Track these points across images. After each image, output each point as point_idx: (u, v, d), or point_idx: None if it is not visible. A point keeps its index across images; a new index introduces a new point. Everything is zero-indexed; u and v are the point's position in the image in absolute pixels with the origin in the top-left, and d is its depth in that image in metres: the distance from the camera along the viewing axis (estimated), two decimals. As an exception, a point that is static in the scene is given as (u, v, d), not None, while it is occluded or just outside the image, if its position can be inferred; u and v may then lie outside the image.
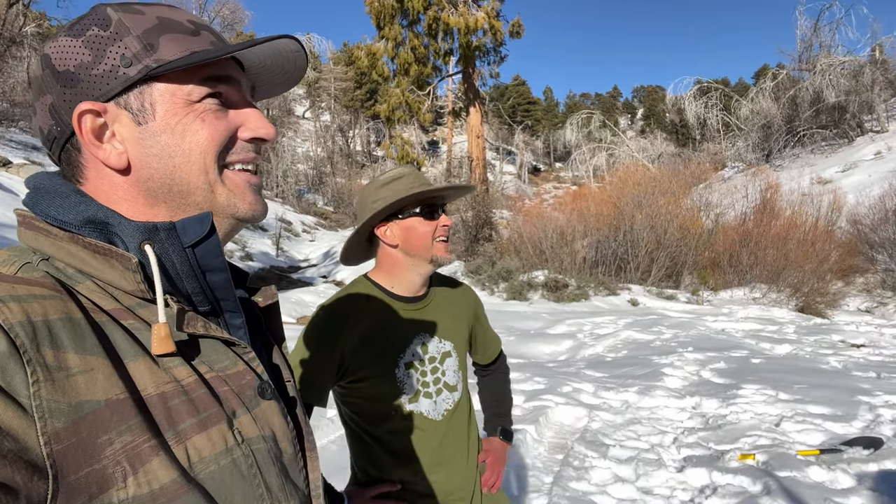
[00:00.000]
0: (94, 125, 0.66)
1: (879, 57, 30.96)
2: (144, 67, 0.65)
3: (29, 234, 0.64)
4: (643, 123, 72.03)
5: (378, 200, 1.52)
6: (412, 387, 1.52)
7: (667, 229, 14.90)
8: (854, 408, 4.90)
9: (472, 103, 19.74)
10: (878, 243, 15.50)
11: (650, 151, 42.39)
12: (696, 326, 9.52)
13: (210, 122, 0.68)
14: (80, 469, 0.51)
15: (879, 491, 3.31)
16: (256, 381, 0.70)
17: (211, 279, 0.68)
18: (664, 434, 4.53)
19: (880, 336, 9.52)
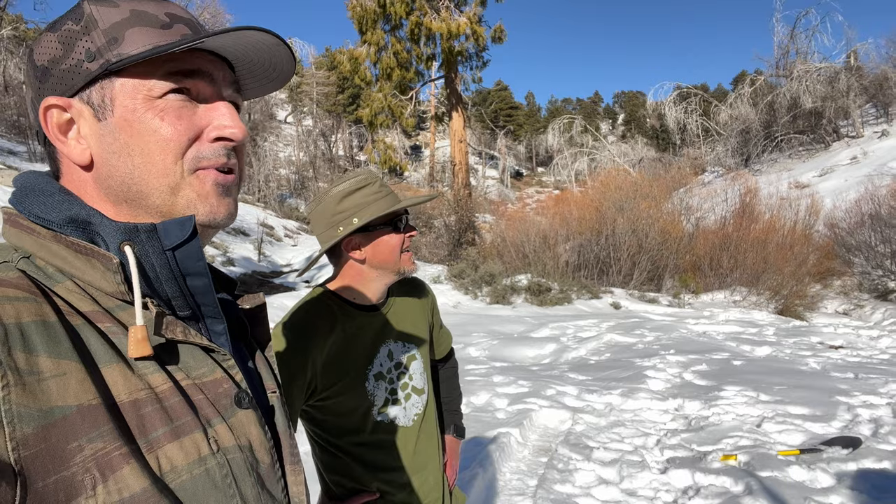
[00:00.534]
0: (61, 120, 0.66)
1: (854, 63, 31.57)
2: (105, 62, 0.64)
3: (13, 232, 0.64)
4: (624, 128, 72.70)
5: (344, 212, 1.45)
6: (381, 396, 1.50)
7: (648, 233, 15.03)
8: (833, 408, 4.97)
9: (454, 108, 19.79)
10: (855, 247, 15.76)
11: (631, 156, 42.78)
12: (678, 329, 9.61)
13: (170, 121, 0.65)
14: (49, 476, 0.50)
15: (859, 490, 3.36)
16: (234, 389, 0.68)
17: (191, 283, 0.67)
18: (647, 436, 4.56)
19: (857, 338, 9.68)
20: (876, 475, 3.57)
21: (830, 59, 32.34)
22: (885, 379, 5.96)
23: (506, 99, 72.32)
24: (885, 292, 13.96)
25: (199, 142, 0.67)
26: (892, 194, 16.32)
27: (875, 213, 15.68)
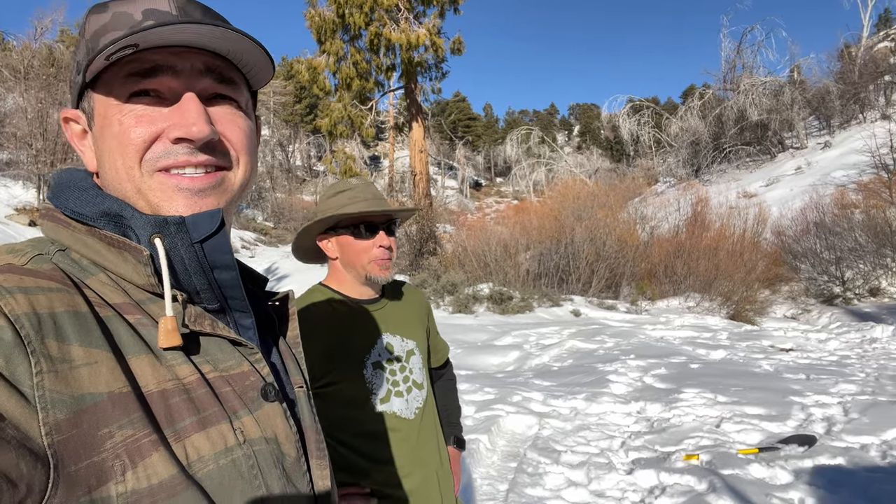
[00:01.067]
0: (76, 129, 0.70)
1: (798, 77, 32.98)
2: (82, 75, 0.65)
3: (50, 226, 0.65)
4: (579, 140, 74.08)
5: (321, 211, 1.55)
6: (383, 386, 1.52)
7: (605, 241, 15.32)
8: (787, 408, 5.16)
9: (414, 118, 19.84)
10: (801, 253, 16.39)
11: (587, 167, 43.63)
12: (637, 335, 9.81)
13: (127, 125, 0.64)
14: (80, 461, 0.51)
15: (816, 485, 3.50)
16: (261, 382, 0.69)
17: (219, 276, 0.67)
18: (612, 438, 4.65)
19: (806, 341, 10.07)
20: (831, 471, 3.72)
21: (775, 74, 33.76)
22: (834, 379, 6.22)
23: (464, 110, 72.88)
24: (830, 297, 14.55)
25: (159, 141, 0.65)
26: (835, 203, 17.08)
27: (820, 221, 16.36)
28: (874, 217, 15.20)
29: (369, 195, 1.55)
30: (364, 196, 1.54)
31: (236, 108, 0.71)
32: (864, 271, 14.70)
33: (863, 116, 28.26)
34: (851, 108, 29.28)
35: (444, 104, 66.85)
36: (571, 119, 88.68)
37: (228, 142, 0.69)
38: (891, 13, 49.17)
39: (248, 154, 0.71)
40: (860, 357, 8.10)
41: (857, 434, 4.40)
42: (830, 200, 17.54)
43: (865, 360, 7.72)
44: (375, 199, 1.55)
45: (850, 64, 31.81)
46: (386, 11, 18.02)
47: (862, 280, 14.51)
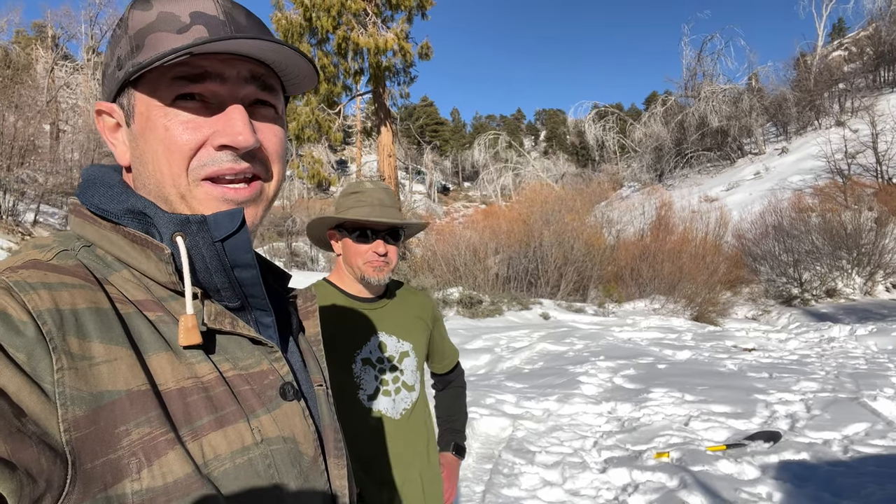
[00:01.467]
0: (109, 123, 0.69)
1: (756, 85, 33.98)
2: (125, 72, 0.65)
3: (77, 222, 0.66)
4: (546, 145, 74.84)
5: (337, 207, 1.62)
6: (370, 383, 1.54)
7: (573, 245, 15.51)
8: (752, 405, 5.31)
9: (383, 122, 19.80)
10: (761, 256, 16.87)
11: (554, 171, 44.13)
12: (605, 337, 9.96)
13: (174, 131, 0.64)
14: (97, 458, 0.52)
15: (782, 480, 3.61)
16: (279, 381, 0.69)
17: (240, 275, 0.67)
18: (585, 438, 4.72)
19: (767, 340, 10.35)
20: (797, 466, 3.84)
21: (734, 81, 34.76)
22: (796, 378, 6.41)
23: (432, 115, 73.02)
24: (789, 298, 15.00)
25: (204, 148, 0.65)
26: (792, 207, 17.62)
27: (778, 224, 16.87)
28: (830, 220, 15.73)
29: (375, 201, 1.58)
30: (370, 202, 1.57)
31: (274, 115, 0.72)
32: (821, 273, 15.20)
33: (818, 123, 29.23)
34: (807, 115, 30.27)
35: (412, 109, 66.87)
36: (538, 124, 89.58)
37: (266, 150, 0.70)
38: (844, 23, 51.02)
39: (280, 162, 0.73)
40: (819, 356, 8.38)
41: (819, 430, 4.55)
42: (788, 204, 18.10)
43: (825, 359, 7.98)
44: (381, 206, 1.58)
45: (806, 72, 32.91)
46: (354, 15, 17.97)
47: (819, 281, 14.99)
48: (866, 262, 14.87)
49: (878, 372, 6.62)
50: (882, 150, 19.24)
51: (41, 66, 28.63)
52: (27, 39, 35.21)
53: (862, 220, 15.41)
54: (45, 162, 17.47)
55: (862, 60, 33.51)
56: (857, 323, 10.83)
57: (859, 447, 4.13)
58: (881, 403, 5.09)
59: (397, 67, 19.12)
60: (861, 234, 14.98)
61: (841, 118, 27.74)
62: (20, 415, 0.48)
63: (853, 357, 8.02)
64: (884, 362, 7.38)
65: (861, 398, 5.29)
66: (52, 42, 31.34)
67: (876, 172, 19.40)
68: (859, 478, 3.58)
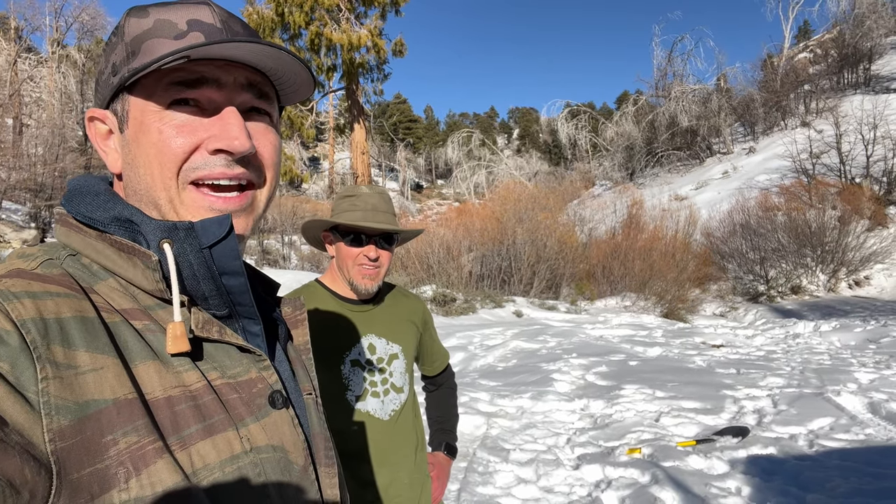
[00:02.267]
0: (101, 130, 0.69)
1: (724, 86, 34.60)
2: (121, 77, 0.65)
3: (63, 231, 0.66)
4: (519, 143, 75.20)
5: (334, 210, 1.63)
6: (359, 385, 1.55)
7: (546, 243, 15.62)
8: (721, 401, 5.41)
9: (356, 119, 19.70)
10: (728, 254, 17.20)
11: (527, 169, 44.40)
12: (577, 334, 10.06)
13: (167, 135, 0.64)
14: (83, 468, 0.51)
15: (751, 474, 3.68)
16: (268, 389, 0.69)
17: (227, 282, 0.66)
18: (558, 435, 4.75)
19: (735, 337, 10.56)
20: (764, 460, 3.93)
21: (704, 81, 35.35)
22: (763, 373, 6.56)
23: (405, 112, 72.81)
24: (755, 295, 15.33)
25: (198, 152, 0.65)
26: (759, 206, 17.98)
27: (745, 223, 17.21)
28: (795, 219, 16.10)
29: (369, 206, 1.59)
30: (364, 207, 1.59)
31: (268, 123, 0.71)
32: (787, 270, 15.56)
33: (784, 123, 29.86)
34: (774, 116, 30.91)
35: (385, 106, 66.62)
36: (511, 122, 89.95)
37: (261, 157, 0.70)
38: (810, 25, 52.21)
39: (275, 170, 0.72)
40: (785, 352, 8.58)
41: (785, 425, 4.66)
42: (755, 203, 18.47)
43: (790, 355, 8.18)
44: (374, 211, 1.59)
45: (773, 73, 33.59)
46: (327, 11, 17.84)
47: (784, 279, 15.34)
48: (830, 260, 15.26)
49: (842, 367, 6.81)
50: (845, 150, 19.75)
51: (3, 58, 27.79)
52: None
53: (826, 218, 15.81)
54: (8, 157, 17.00)
55: (826, 62, 34.33)
56: (820, 319, 11.12)
57: (824, 441, 4.24)
58: (845, 398, 5.22)
59: (371, 64, 19.05)
60: (825, 232, 15.36)
61: (806, 119, 28.39)
62: (2, 425, 0.47)
63: (817, 353, 8.23)
64: (847, 358, 7.59)
65: (825, 393, 5.44)
66: (14, 34, 30.41)
67: (839, 172, 19.90)
68: (825, 471, 3.68)
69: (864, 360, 7.34)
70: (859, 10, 32.31)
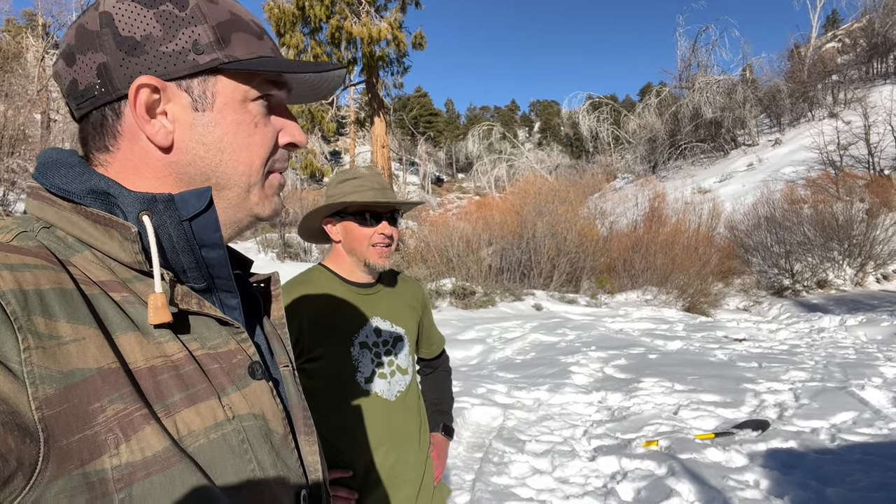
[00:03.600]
0: (149, 99, 0.65)
1: (750, 76, 33.98)
2: (214, 59, 0.67)
3: (35, 204, 0.65)
4: (540, 136, 74.80)
5: (331, 196, 1.62)
6: (367, 366, 1.58)
7: (566, 236, 15.54)
8: (741, 395, 5.34)
9: (376, 113, 19.74)
10: (753, 247, 16.93)
11: (547, 163, 44.15)
12: (597, 327, 10.00)
13: (261, 128, 0.70)
14: (72, 434, 0.51)
15: (769, 467, 3.63)
16: (247, 360, 0.70)
17: (207, 255, 0.67)
18: (575, 427, 4.74)
19: (758, 331, 10.40)
20: (784, 454, 3.87)
21: (728, 72, 34.75)
22: (785, 367, 6.46)
23: (426, 105, 72.78)
24: (780, 289, 15.07)
25: (276, 148, 0.72)
26: (785, 198, 17.68)
27: (770, 215, 16.92)
28: (822, 212, 15.79)
29: (377, 185, 1.62)
30: (371, 185, 1.61)
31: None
32: (812, 264, 15.27)
33: (811, 115, 29.30)
34: (801, 107, 30.33)
35: (406, 99, 66.63)
36: (532, 115, 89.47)
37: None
38: (838, 14, 51.04)
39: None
40: (809, 346, 8.43)
41: (807, 419, 4.58)
42: (780, 196, 18.16)
43: (814, 349, 8.04)
44: (382, 189, 1.62)
45: (800, 63, 32.94)
46: (347, 4, 17.86)
47: (810, 273, 15.07)
48: (857, 254, 14.95)
49: (867, 362, 6.68)
50: (874, 141, 19.32)
51: (31, 54, 28.32)
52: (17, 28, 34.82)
53: (853, 211, 15.49)
54: (36, 151, 17.32)
55: (855, 52, 33.58)
56: (847, 313, 10.90)
57: (846, 435, 4.17)
58: (869, 392, 5.13)
59: (391, 57, 19.04)
60: (852, 225, 15.05)
61: (834, 110, 27.82)
62: None
63: (842, 347, 8.08)
64: (872, 352, 7.44)
65: (849, 387, 5.34)
66: (42, 31, 30.99)
67: (868, 164, 19.49)
68: (845, 465, 3.62)
69: (890, 354, 7.19)
70: (890, -1, 31.50)
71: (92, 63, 0.65)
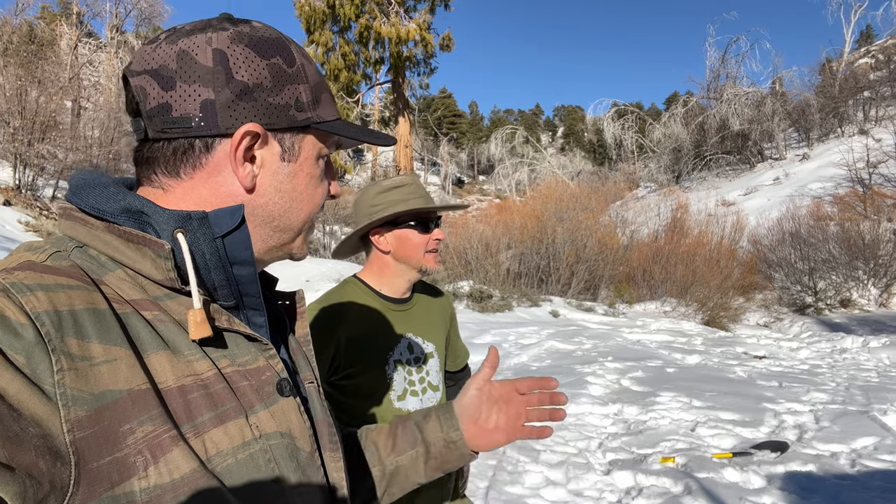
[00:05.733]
0: (248, 144, 0.69)
1: (779, 89, 33.48)
2: (308, 118, 0.72)
3: (66, 224, 0.66)
4: (563, 141, 74.43)
5: (376, 206, 1.60)
6: (400, 384, 1.58)
7: (586, 244, 15.45)
8: (760, 414, 5.27)
9: (401, 113, 19.81)
10: (776, 263, 16.68)
11: (569, 168, 43.89)
12: (614, 337, 9.93)
13: (323, 183, 0.77)
14: (102, 457, 0.53)
15: (788, 490, 3.59)
16: (276, 377, 0.71)
17: (237, 272, 0.68)
18: (590, 439, 4.71)
19: (779, 349, 10.26)
20: (803, 477, 3.82)
21: (758, 84, 34.26)
22: (806, 388, 6.36)
23: (450, 106, 72.83)
24: (802, 307, 14.84)
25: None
26: (811, 214, 17.40)
27: (795, 231, 16.65)
28: (848, 230, 15.52)
29: (423, 192, 1.64)
30: (420, 193, 1.63)
31: None
32: (836, 283, 15.01)
33: (841, 130, 28.78)
34: (830, 122, 29.81)
35: (430, 100, 66.66)
36: (556, 120, 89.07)
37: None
38: (872, 30, 50.16)
39: None
40: (831, 367, 8.30)
41: (827, 442, 4.52)
42: (806, 212, 17.87)
43: (836, 370, 7.91)
44: (428, 196, 1.65)
45: (831, 78, 32.39)
46: (377, 4, 17.95)
47: (834, 291, 14.81)
48: (883, 274, 14.67)
49: (890, 386, 6.56)
50: (905, 160, 18.95)
51: (65, 42, 28.83)
52: (52, 15, 35.47)
53: (881, 230, 15.20)
54: (66, 138, 17.61)
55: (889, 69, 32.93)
56: (870, 335, 10.71)
57: (867, 461, 4.10)
58: (891, 418, 5.04)
59: (418, 58, 19.12)
60: (879, 245, 14.77)
61: (864, 126, 27.32)
62: (18, 418, 0.49)
63: (865, 369, 7.94)
64: (895, 376, 7.30)
65: (871, 412, 5.25)
66: (76, 19, 31.53)
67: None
68: (865, 492, 3.56)
69: (914, 379, 7.05)
70: (927, 15, 30.88)
71: (196, 96, 0.66)
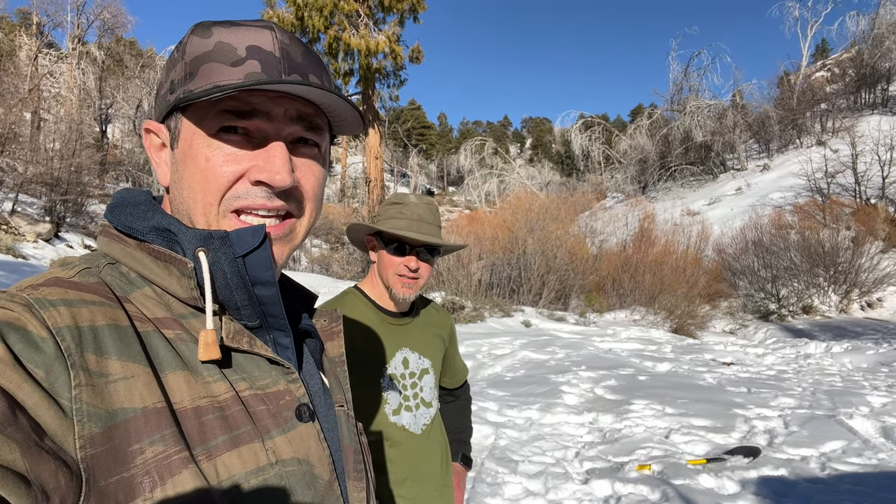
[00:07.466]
0: (156, 143, 0.70)
1: (740, 102, 34.46)
2: (176, 97, 0.66)
3: (104, 241, 0.67)
4: (531, 152, 75.21)
5: (379, 215, 1.63)
6: (395, 398, 1.57)
7: (556, 254, 15.60)
8: (731, 420, 5.37)
9: (371, 124, 19.78)
10: (740, 271, 17.09)
11: (538, 179, 44.36)
12: (586, 346, 10.01)
13: (214, 162, 0.64)
14: (111, 476, 0.52)
15: (762, 495, 3.65)
16: (295, 402, 0.69)
17: (259, 292, 0.66)
18: (567, 448, 4.73)
19: (745, 355, 10.48)
20: (776, 482, 3.89)
21: (719, 97, 35.21)
22: (774, 393, 6.50)
23: (419, 118, 73.03)
24: (766, 313, 15.21)
25: (241, 181, 0.65)
26: (772, 223, 17.88)
27: (758, 240, 17.10)
28: (808, 238, 15.99)
29: (414, 216, 1.58)
30: (410, 216, 1.58)
31: (316, 153, 0.71)
32: (798, 290, 15.43)
33: (800, 142, 29.71)
34: (789, 133, 30.76)
35: (400, 111, 66.75)
36: (524, 132, 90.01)
37: (302, 189, 0.70)
38: (828, 44, 51.92)
39: (315, 202, 0.73)
40: (796, 372, 8.50)
41: (797, 446, 4.61)
42: (768, 221, 18.38)
43: (801, 375, 8.11)
44: (419, 221, 1.58)
45: (789, 91, 33.47)
46: (346, 16, 17.95)
47: (796, 298, 15.22)
48: (842, 281, 15.13)
49: (854, 390, 6.74)
50: (861, 170, 19.63)
51: (24, 53, 28.12)
52: (11, 26, 34.64)
53: (839, 238, 15.70)
54: (26, 151, 17.15)
55: (844, 82, 34.17)
56: (832, 340, 11.02)
57: (836, 465, 4.20)
58: (857, 422, 5.17)
59: (387, 70, 19.14)
60: (838, 252, 15.25)
61: (822, 138, 28.23)
62: (40, 432, 0.48)
63: (829, 374, 8.15)
64: (859, 380, 7.52)
65: (838, 416, 5.38)
66: (36, 29, 30.78)
67: (854, 192, 19.78)
68: (836, 495, 3.64)
69: (876, 383, 7.27)
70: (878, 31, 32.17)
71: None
